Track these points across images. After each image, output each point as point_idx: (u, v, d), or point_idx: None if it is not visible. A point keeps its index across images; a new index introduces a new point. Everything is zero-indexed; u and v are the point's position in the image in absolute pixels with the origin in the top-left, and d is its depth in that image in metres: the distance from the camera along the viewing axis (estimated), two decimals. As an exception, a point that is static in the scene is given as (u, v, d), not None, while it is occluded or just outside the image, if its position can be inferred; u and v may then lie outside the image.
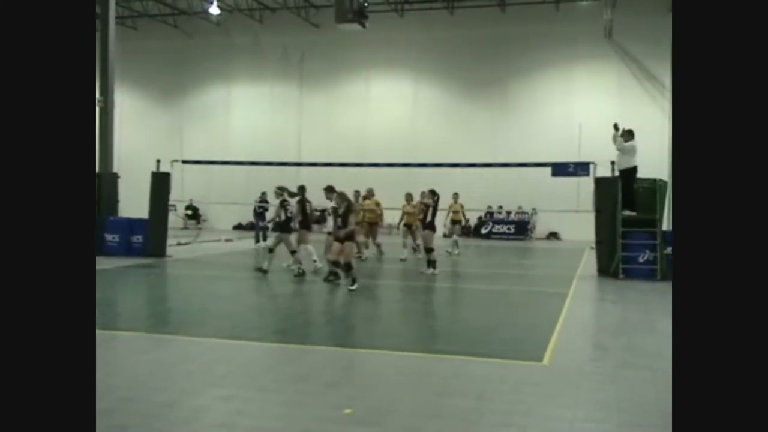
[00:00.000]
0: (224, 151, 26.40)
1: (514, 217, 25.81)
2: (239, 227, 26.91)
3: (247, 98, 28.99)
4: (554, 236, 25.33)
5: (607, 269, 12.97)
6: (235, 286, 11.68)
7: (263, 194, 18.81)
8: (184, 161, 16.59)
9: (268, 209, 18.20)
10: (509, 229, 25.17)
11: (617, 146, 12.82)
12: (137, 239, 15.52)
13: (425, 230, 13.47)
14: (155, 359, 6.18)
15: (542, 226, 25.50)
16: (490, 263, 16.89)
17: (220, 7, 26.34)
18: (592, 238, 14.02)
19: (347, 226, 10.56)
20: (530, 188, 23.79)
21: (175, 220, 20.19)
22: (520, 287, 12.37)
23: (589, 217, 14.18)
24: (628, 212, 12.69)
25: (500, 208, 26.00)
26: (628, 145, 12.69)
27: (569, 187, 19.96)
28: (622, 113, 22.43)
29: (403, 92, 27.28)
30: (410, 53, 26.67)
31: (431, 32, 26.36)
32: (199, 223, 26.15)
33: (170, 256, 15.44)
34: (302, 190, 13.39)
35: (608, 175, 13.52)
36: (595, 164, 14.16)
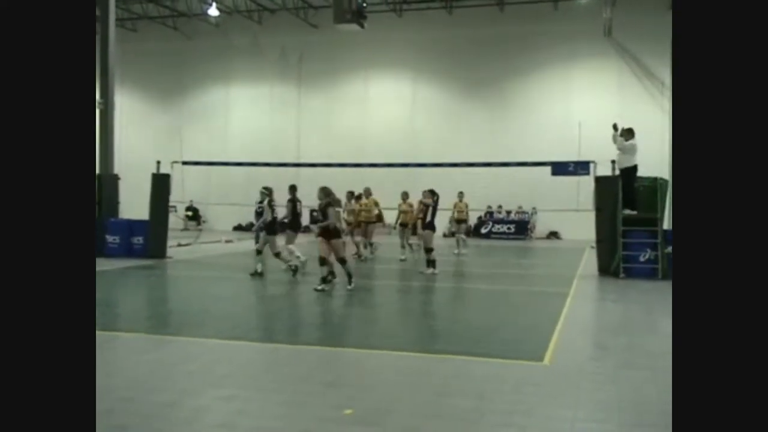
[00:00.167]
0: (224, 151, 26.45)
1: (514, 216, 25.81)
2: (239, 228, 26.91)
3: (246, 99, 29.01)
4: (554, 236, 25.33)
5: (607, 268, 12.96)
6: (235, 287, 11.67)
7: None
8: (184, 162, 16.59)
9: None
10: (509, 228, 25.17)
11: (617, 146, 12.81)
12: (138, 241, 15.52)
13: (425, 230, 13.46)
14: (156, 360, 6.18)
15: (542, 225, 25.49)
16: (490, 263, 16.89)
17: (219, 8, 26.41)
18: (592, 237, 14.01)
19: (326, 219, 10.54)
20: (530, 187, 23.82)
21: (175, 221, 20.19)
22: (520, 287, 12.37)
23: (589, 216, 14.17)
24: (628, 211, 12.67)
25: (500, 207, 26.00)
26: (628, 144, 12.68)
27: (569, 186, 19.94)
28: (621, 111, 22.48)
29: (402, 92, 27.28)
30: (409, 53, 26.67)
31: (430, 32, 26.37)
32: (199, 224, 26.16)
33: (171, 257, 15.44)
34: (293, 190, 13.38)
35: (608, 173, 13.51)
36: (595, 163, 14.14)
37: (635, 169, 12.72)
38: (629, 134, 12.78)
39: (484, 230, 25.26)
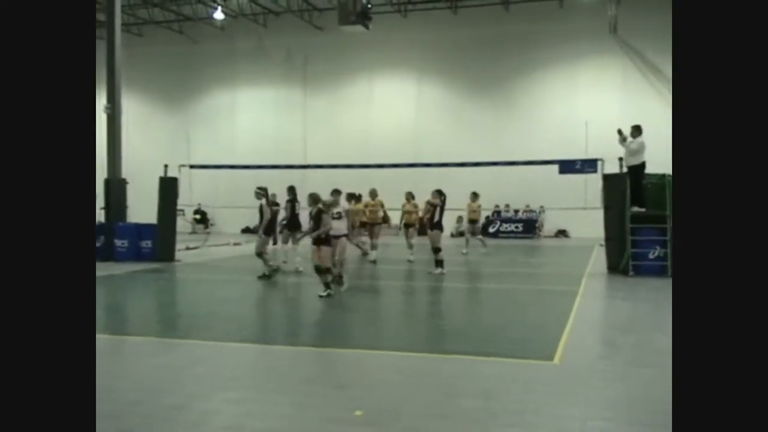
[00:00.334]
0: (230, 154, 26.49)
1: (521, 215, 25.74)
2: (247, 231, 26.94)
3: (252, 101, 29.07)
4: (563, 234, 25.23)
5: (617, 266, 12.89)
6: (243, 289, 11.69)
7: (272, 196, 18.81)
8: (191, 166, 16.63)
9: (278, 211, 18.22)
10: (517, 227, 25.10)
11: (625, 148, 12.74)
12: (146, 244, 15.56)
13: (432, 230, 13.43)
14: (164, 363, 6.19)
15: (550, 223, 25.41)
16: (498, 262, 16.83)
17: (224, 12, 26.51)
18: (601, 235, 13.94)
19: (318, 228, 10.43)
20: (537, 186, 23.76)
21: (183, 224, 20.25)
22: (529, 286, 12.32)
23: (597, 214, 14.11)
24: (637, 208, 12.59)
25: (507, 206, 25.94)
26: (636, 143, 12.59)
27: (577, 184, 19.90)
28: (627, 108, 22.43)
29: (407, 92, 27.26)
30: (414, 53, 26.65)
31: (435, 32, 26.33)
32: (207, 227, 26.22)
33: (179, 260, 15.49)
34: (293, 191, 13.38)
35: (616, 171, 13.44)
36: (602, 161, 14.09)
37: (643, 166, 12.62)
38: (637, 131, 12.69)
39: (491, 229, 25.17)
